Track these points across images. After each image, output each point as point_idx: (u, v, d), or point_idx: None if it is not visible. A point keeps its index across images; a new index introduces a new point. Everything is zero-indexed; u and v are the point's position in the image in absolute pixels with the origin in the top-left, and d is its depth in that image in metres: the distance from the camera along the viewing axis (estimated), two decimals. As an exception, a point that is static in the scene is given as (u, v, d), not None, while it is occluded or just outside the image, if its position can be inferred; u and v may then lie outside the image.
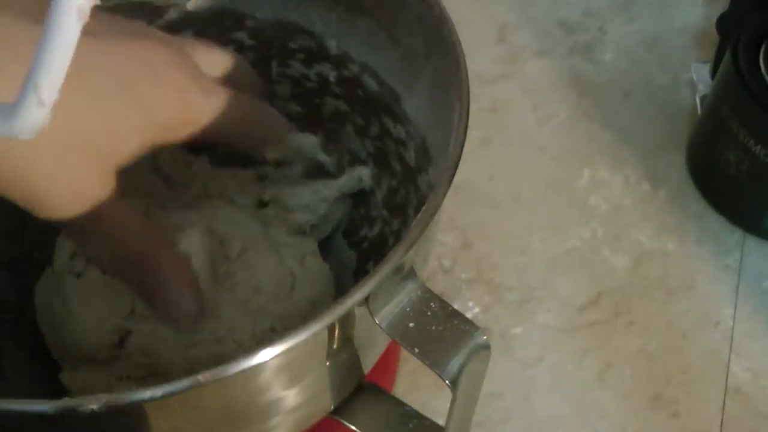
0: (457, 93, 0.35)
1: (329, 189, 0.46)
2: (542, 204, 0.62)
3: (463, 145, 0.34)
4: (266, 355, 0.28)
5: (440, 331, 0.32)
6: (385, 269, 0.30)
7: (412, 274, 0.32)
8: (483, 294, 0.57)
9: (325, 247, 0.48)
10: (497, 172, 0.63)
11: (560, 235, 0.60)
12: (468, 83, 0.36)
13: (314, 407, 0.37)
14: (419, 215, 0.31)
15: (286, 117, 0.49)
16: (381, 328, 0.31)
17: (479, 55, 0.69)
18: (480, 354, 0.32)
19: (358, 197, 0.49)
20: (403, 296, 0.32)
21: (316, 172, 0.47)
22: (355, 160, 0.49)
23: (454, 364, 0.32)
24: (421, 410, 0.42)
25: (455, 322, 0.32)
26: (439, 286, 0.57)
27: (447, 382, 0.32)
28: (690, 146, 0.64)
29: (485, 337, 0.32)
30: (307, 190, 0.46)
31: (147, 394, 0.27)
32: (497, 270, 0.58)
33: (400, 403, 0.41)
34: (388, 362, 0.51)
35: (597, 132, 0.66)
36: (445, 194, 0.32)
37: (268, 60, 0.49)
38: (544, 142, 0.65)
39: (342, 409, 0.40)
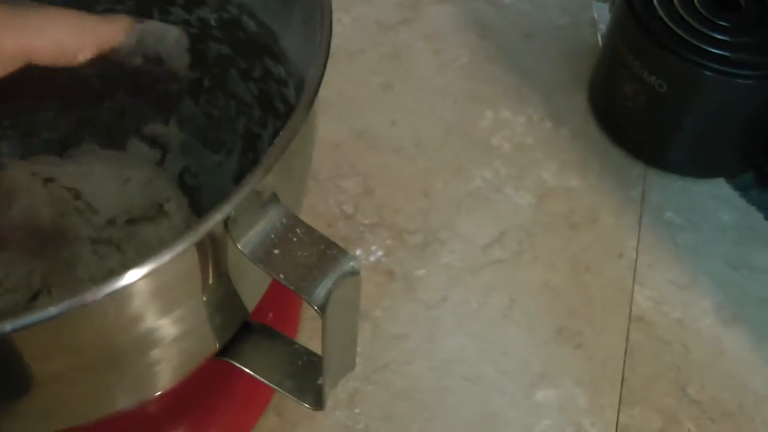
0: (319, 20, 0.35)
1: None
2: (444, 147, 0.61)
3: (323, 71, 0.33)
4: (128, 278, 0.28)
5: (306, 257, 0.31)
6: (242, 192, 0.29)
7: (275, 199, 0.32)
8: (386, 238, 0.56)
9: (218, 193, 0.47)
10: (399, 118, 0.63)
11: (463, 176, 0.60)
12: (330, 6, 0.35)
13: (196, 343, 0.37)
14: (276, 139, 0.30)
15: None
16: (244, 254, 0.31)
17: (380, 1, 0.69)
18: (350, 280, 0.32)
19: (246, 143, 0.48)
20: (267, 223, 0.31)
21: None
22: (242, 105, 0.48)
23: (322, 290, 0.31)
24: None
25: (322, 247, 0.32)
26: (340, 232, 0.56)
27: (315, 307, 0.31)
28: (590, 84, 0.65)
29: (353, 264, 0.32)
30: None
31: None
32: (400, 214, 0.58)
33: (289, 342, 0.40)
34: (286, 308, 0.51)
35: (499, 74, 0.66)
36: (304, 119, 0.31)
37: (149, 8, 0.48)
38: (446, 86, 0.65)
39: (228, 349, 0.39)
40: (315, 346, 0.50)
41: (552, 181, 0.60)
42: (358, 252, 0.55)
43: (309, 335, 0.52)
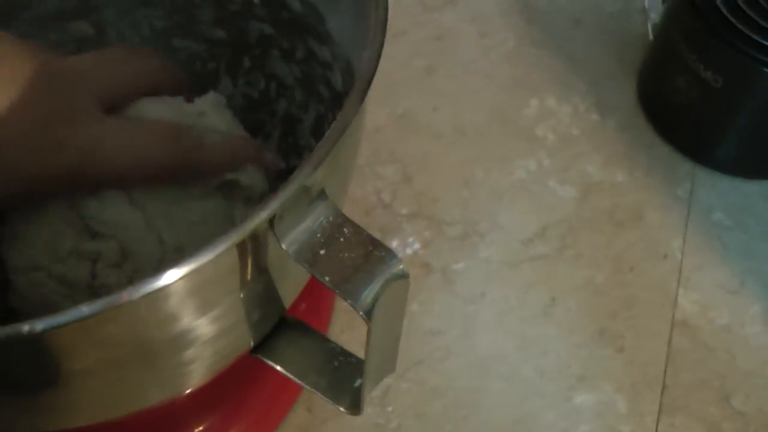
0: (374, 6, 0.33)
1: None
2: (487, 135, 0.59)
3: (378, 58, 0.31)
4: (165, 279, 0.26)
5: (353, 259, 0.30)
6: (290, 189, 0.27)
7: (322, 196, 0.30)
8: (424, 229, 0.54)
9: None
10: (441, 103, 0.61)
11: (505, 166, 0.58)
12: (386, -3, 0.33)
13: (232, 341, 0.35)
14: (327, 132, 0.29)
15: (209, 43, 0.47)
16: (288, 254, 0.29)
17: (424, -19, 0.67)
18: (397, 283, 0.30)
19: (286, 126, 0.46)
20: (313, 221, 0.30)
21: None
22: (283, 87, 0.46)
23: (369, 294, 0.29)
24: (358, 349, 0.39)
25: (370, 248, 0.30)
26: (378, 221, 0.54)
27: (361, 313, 0.29)
28: (640, 74, 0.62)
29: (402, 266, 0.30)
30: None
31: (24, 328, 0.25)
32: (439, 204, 0.56)
33: (325, 340, 0.39)
34: (320, 299, 0.49)
35: (545, 60, 0.64)
36: (356, 110, 0.30)
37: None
38: (491, 71, 0.63)
39: (263, 346, 0.38)
40: (348, 339, 0.49)
41: (597, 175, 0.58)
42: (394, 243, 0.53)
43: (342, 328, 0.50)
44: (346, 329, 0.50)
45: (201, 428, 0.46)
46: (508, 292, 0.53)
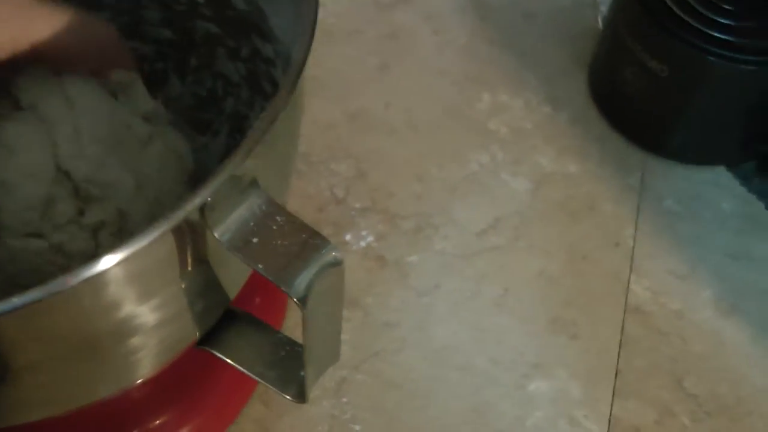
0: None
1: None
2: (440, 130, 0.60)
3: (307, 50, 0.32)
4: (103, 264, 0.26)
5: (287, 246, 0.30)
6: (219, 178, 0.28)
7: (254, 185, 0.30)
8: (377, 222, 0.55)
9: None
10: (394, 100, 0.61)
11: (458, 160, 0.58)
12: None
13: (176, 331, 0.35)
14: (257, 122, 0.29)
15: (156, 44, 0.47)
16: (220, 242, 0.29)
17: (377, -20, 0.67)
18: (332, 270, 0.31)
19: (233, 124, 0.47)
20: (245, 209, 0.30)
21: None
22: (229, 85, 0.46)
23: (302, 281, 0.30)
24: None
25: (304, 236, 0.30)
26: (331, 216, 0.55)
27: (295, 299, 0.30)
28: (591, 67, 0.63)
29: (336, 253, 0.30)
30: None
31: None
32: (393, 198, 0.56)
33: (272, 331, 0.39)
34: (275, 292, 0.49)
35: (498, 56, 0.64)
36: (287, 101, 0.30)
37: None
38: (444, 68, 0.63)
39: (210, 338, 0.38)
40: (302, 335, 0.49)
41: (550, 167, 0.59)
42: (348, 237, 0.54)
43: (297, 321, 0.50)
44: (301, 323, 0.50)
45: (157, 423, 0.46)
46: (462, 284, 0.53)
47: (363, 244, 0.54)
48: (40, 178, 0.38)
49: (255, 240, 0.30)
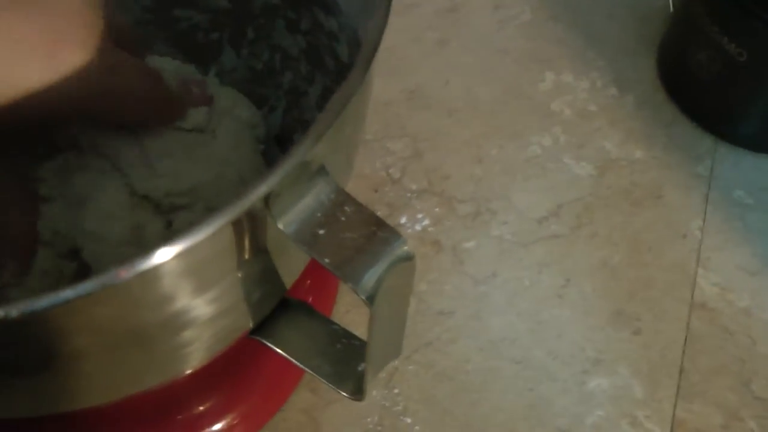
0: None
1: None
2: (501, 110, 0.57)
3: (383, 27, 0.29)
4: (159, 257, 0.24)
5: (355, 239, 0.28)
6: (287, 165, 0.26)
7: (322, 173, 0.28)
8: (434, 206, 0.53)
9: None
10: (454, 77, 0.59)
11: (519, 142, 0.56)
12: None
13: (230, 323, 0.33)
14: (328, 105, 0.27)
15: (211, 13, 0.45)
16: (286, 234, 0.27)
17: (437, -49, 0.65)
18: (402, 266, 0.28)
19: (291, 99, 0.45)
20: (312, 199, 0.28)
21: None
22: (288, 59, 0.44)
23: (371, 277, 0.28)
24: (364, 331, 0.38)
25: (373, 229, 0.28)
26: (386, 197, 0.53)
27: (363, 297, 0.28)
28: (660, 49, 0.60)
29: (407, 248, 0.28)
30: None
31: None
32: (450, 180, 0.54)
33: (328, 322, 0.37)
34: (326, 275, 0.47)
35: (562, 34, 0.62)
36: (360, 82, 0.28)
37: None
38: (505, 45, 0.61)
39: (263, 328, 0.36)
40: (353, 320, 0.47)
41: (615, 152, 0.56)
42: (403, 220, 0.52)
43: (347, 307, 0.49)
44: (352, 308, 0.49)
45: (202, 408, 0.44)
46: (520, 273, 0.51)
47: (418, 227, 0.52)
48: (120, 216, 0.38)
49: (322, 232, 0.28)
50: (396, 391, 0.47)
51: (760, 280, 0.51)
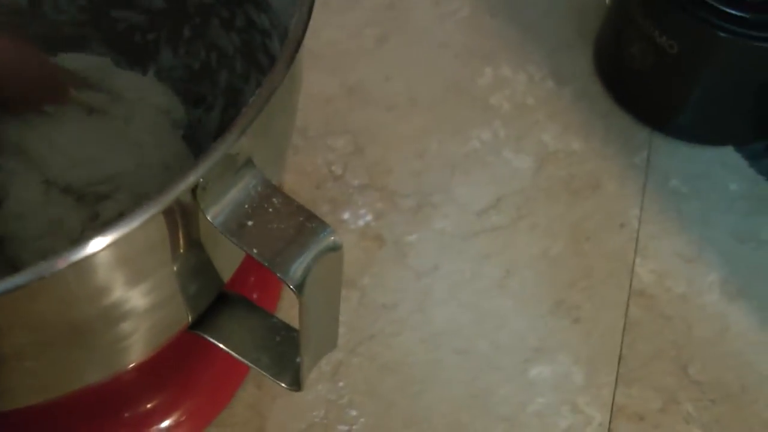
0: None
1: None
2: (441, 105, 0.58)
3: (307, 20, 0.30)
4: (91, 248, 0.25)
5: (283, 230, 0.28)
6: (212, 157, 0.26)
7: (249, 165, 0.29)
8: (376, 201, 0.53)
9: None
10: (393, 73, 0.59)
11: (459, 137, 0.57)
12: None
13: (168, 315, 0.34)
14: (253, 97, 0.27)
15: (148, 13, 0.45)
16: (213, 225, 0.28)
17: (376, -51, 0.65)
18: (330, 256, 0.29)
19: (228, 97, 0.45)
20: (240, 191, 0.28)
21: None
22: (224, 57, 0.45)
23: (299, 267, 0.28)
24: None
25: (301, 219, 0.29)
26: (329, 193, 0.53)
27: (291, 286, 0.28)
28: (596, 42, 0.61)
29: (334, 238, 0.29)
30: None
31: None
32: (391, 175, 0.55)
33: (267, 315, 0.38)
34: (269, 275, 0.47)
35: (500, 28, 0.62)
36: (283, 75, 0.28)
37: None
38: (445, 40, 0.61)
39: (203, 321, 0.37)
40: (297, 318, 0.47)
41: (553, 144, 0.57)
42: (346, 215, 0.52)
43: (293, 302, 0.49)
44: (297, 305, 0.49)
45: (150, 406, 0.45)
46: (462, 265, 0.52)
47: (361, 222, 0.52)
48: (33, 214, 0.38)
49: (250, 223, 0.28)
50: (341, 384, 0.47)
51: (696, 266, 0.53)
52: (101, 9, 0.46)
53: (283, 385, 0.36)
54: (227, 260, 0.35)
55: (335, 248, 0.29)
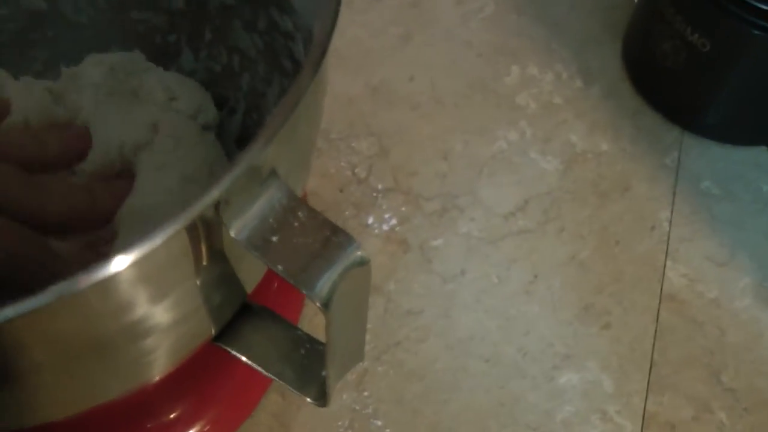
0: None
1: None
2: (466, 105, 0.57)
3: (333, 25, 0.29)
4: (114, 266, 0.24)
5: (309, 245, 0.27)
6: (236, 170, 0.25)
7: (274, 177, 0.28)
8: (400, 204, 0.52)
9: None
10: (418, 73, 0.58)
11: (485, 138, 0.56)
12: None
13: (192, 329, 0.33)
14: (277, 107, 0.26)
15: (168, 15, 0.44)
16: (237, 241, 0.27)
17: (399, -54, 0.64)
18: (357, 271, 0.28)
19: (250, 101, 0.44)
20: (264, 204, 0.27)
21: None
22: (246, 60, 0.44)
23: (325, 283, 0.27)
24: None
25: (327, 234, 0.28)
26: (352, 197, 0.52)
27: (318, 304, 0.27)
28: (625, 39, 0.60)
29: (361, 252, 0.28)
30: None
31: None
32: (416, 178, 0.53)
33: (291, 327, 0.37)
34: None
35: (526, 26, 0.61)
36: (310, 82, 0.27)
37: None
38: (470, 39, 0.60)
39: (226, 333, 0.36)
40: (322, 323, 0.46)
41: (581, 145, 0.56)
42: (370, 220, 0.51)
43: (315, 311, 0.48)
44: (320, 314, 0.48)
45: (173, 416, 0.44)
46: (488, 270, 0.51)
47: (386, 227, 0.51)
48: None
49: (274, 238, 0.27)
50: (366, 393, 0.46)
51: (728, 270, 0.51)
52: (121, 10, 0.45)
53: (308, 399, 0.35)
54: (251, 272, 0.34)
55: (362, 263, 0.28)
